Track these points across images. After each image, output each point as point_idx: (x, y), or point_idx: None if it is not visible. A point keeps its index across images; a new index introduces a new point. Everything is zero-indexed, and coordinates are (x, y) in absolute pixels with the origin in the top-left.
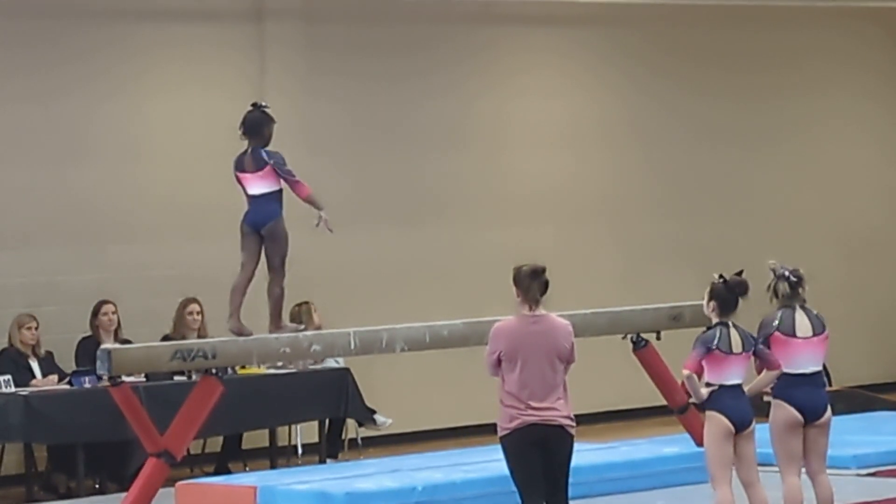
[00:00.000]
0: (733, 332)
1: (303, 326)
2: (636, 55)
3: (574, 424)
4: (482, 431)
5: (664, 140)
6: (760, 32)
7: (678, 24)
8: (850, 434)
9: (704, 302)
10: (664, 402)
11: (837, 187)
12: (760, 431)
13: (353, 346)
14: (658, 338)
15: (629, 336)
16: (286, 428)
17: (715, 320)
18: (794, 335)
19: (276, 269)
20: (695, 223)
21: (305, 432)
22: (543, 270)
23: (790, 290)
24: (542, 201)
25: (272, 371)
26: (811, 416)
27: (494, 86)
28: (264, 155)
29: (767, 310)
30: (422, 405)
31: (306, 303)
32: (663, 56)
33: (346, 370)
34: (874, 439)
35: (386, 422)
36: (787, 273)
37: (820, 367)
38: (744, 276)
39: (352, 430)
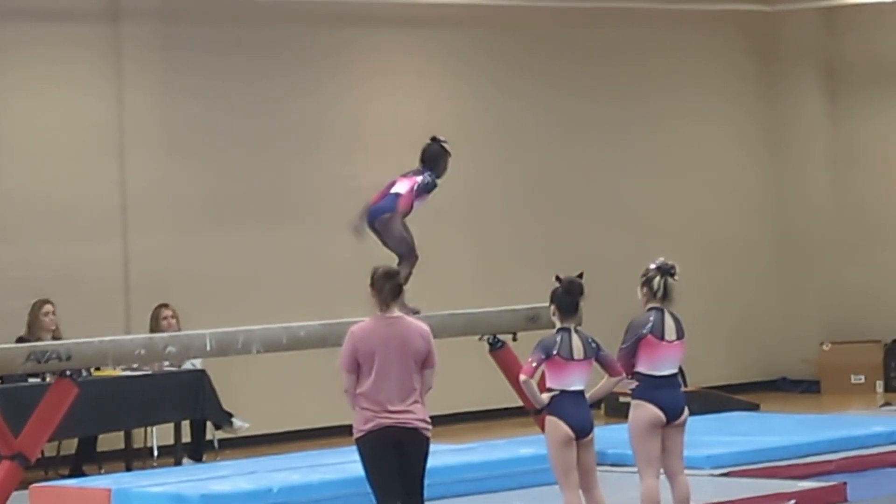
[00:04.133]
0: (575, 337)
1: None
2: (496, 55)
3: (430, 427)
4: (339, 433)
5: (525, 139)
6: (621, 31)
7: (538, 24)
8: (704, 434)
9: (549, 306)
10: (521, 403)
11: (698, 187)
12: (619, 432)
13: (209, 348)
14: (514, 339)
15: (486, 337)
16: (142, 430)
17: (558, 325)
18: (663, 339)
19: (403, 254)
20: (554, 223)
21: (161, 434)
22: (397, 273)
23: (668, 290)
24: None
25: (128, 373)
26: (672, 416)
27: (353, 87)
28: (427, 175)
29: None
30: (279, 406)
31: (165, 305)
32: (523, 55)
33: (203, 372)
34: (728, 439)
35: (243, 426)
36: (672, 271)
37: (677, 370)
38: (583, 277)
39: (208, 432)
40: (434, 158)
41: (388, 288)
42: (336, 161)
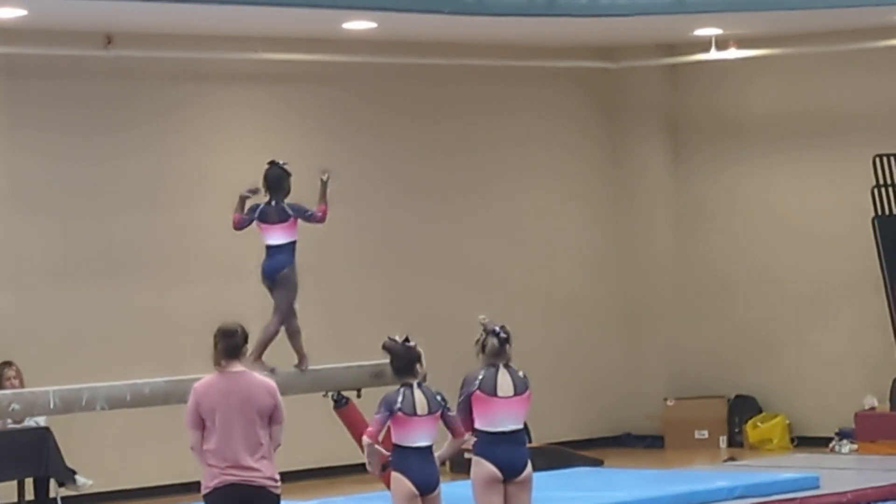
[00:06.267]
0: (418, 392)
1: (273, 368)
2: (338, 111)
3: (278, 484)
4: (184, 490)
5: (367, 196)
6: (464, 89)
7: (380, 80)
8: (549, 490)
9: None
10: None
11: (542, 244)
12: (464, 489)
13: (53, 405)
14: (359, 395)
15: (330, 394)
16: None
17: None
18: (495, 394)
19: (282, 312)
20: (397, 279)
21: (4, 492)
22: (235, 331)
23: (498, 348)
24: (240, 258)
25: None
26: (510, 473)
27: (195, 142)
28: (287, 209)
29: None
30: (124, 464)
31: (9, 363)
32: (366, 112)
33: (47, 429)
34: (572, 495)
35: (87, 483)
36: (497, 329)
37: (520, 426)
38: (409, 340)
39: (52, 489)
40: (278, 182)
41: (223, 345)
42: (179, 216)
